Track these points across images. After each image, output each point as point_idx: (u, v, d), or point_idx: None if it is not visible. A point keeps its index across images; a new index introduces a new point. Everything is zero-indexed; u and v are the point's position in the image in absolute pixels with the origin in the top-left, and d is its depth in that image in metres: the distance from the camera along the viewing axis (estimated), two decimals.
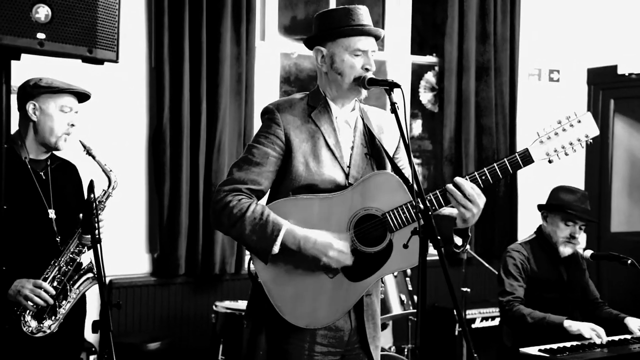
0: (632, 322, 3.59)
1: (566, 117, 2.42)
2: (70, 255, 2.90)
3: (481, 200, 2.34)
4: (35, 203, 2.91)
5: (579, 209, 3.67)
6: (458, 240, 2.46)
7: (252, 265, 2.48)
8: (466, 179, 2.36)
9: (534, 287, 3.68)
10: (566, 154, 2.41)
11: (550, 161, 2.41)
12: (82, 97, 3.02)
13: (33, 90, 2.88)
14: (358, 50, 2.44)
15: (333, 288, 2.42)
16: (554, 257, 3.74)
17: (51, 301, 2.82)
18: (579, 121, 2.41)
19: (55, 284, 2.86)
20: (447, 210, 2.47)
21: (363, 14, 2.47)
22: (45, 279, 2.84)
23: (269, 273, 2.43)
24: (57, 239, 2.92)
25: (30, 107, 2.88)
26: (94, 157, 2.94)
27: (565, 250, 3.71)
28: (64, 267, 2.89)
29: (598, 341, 3.33)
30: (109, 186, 3.02)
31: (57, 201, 2.96)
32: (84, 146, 2.93)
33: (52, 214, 2.93)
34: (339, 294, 2.42)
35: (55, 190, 2.97)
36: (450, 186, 2.35)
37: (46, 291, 2.80)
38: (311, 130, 2.47)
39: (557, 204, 3.72)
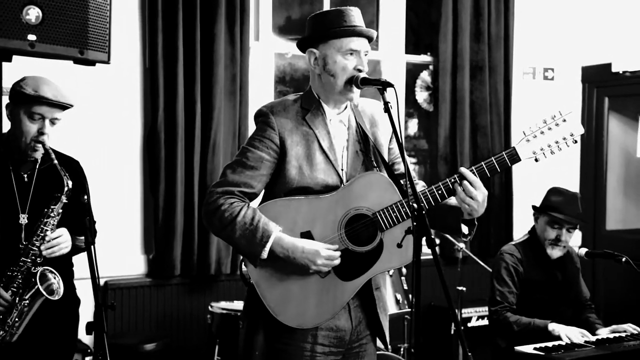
0: (603, 332, 3.59)
1: (551, 115, 2.44)
2: (29, 265, 2.73)
3: (481, 193, 2.36)
4: (5, 207, 2.77)
5: (567, 211, 3.64)
6: (465, 229, 2.48)
7: (244, 267, 2.49)
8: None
9: (525, 289, 3.67)
10: (552, 153, 2.44)
11: (536, 159, 2.44)
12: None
13: (12, 92, 2.73)
14: (350, 51, 2.44)
15: (324, 288, 2.43)
16: (546, 258, 3.72)
17: (2, 310, 2.69)
18: (564, 120, 2.43)
19: (9, 293, 2.71)
20: (454, 201, 2.48)
21: (355, 16, 2.47)
22: None
23: (261, 274, 2.44)
24: (21, 245, 2.74)
25: (6, 109, 2.76)
26: (52, 160, 2.71)
27: (554, 253, 3.69)
28: (20, 276, 2.72)
29: (580, 341, 3.35)
30: (62, 193, 2.76)
31: (35, 206, 2.79)
32: (44, 147, 2.73)
33: (23, 219, 2.78)
34: (330, 293, 2.43)
35: (37, 195, 2.82)
36: (457, 176, 2.38)
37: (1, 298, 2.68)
38: (305, 133, 2.47)
39: (545, 206, 3.71)
